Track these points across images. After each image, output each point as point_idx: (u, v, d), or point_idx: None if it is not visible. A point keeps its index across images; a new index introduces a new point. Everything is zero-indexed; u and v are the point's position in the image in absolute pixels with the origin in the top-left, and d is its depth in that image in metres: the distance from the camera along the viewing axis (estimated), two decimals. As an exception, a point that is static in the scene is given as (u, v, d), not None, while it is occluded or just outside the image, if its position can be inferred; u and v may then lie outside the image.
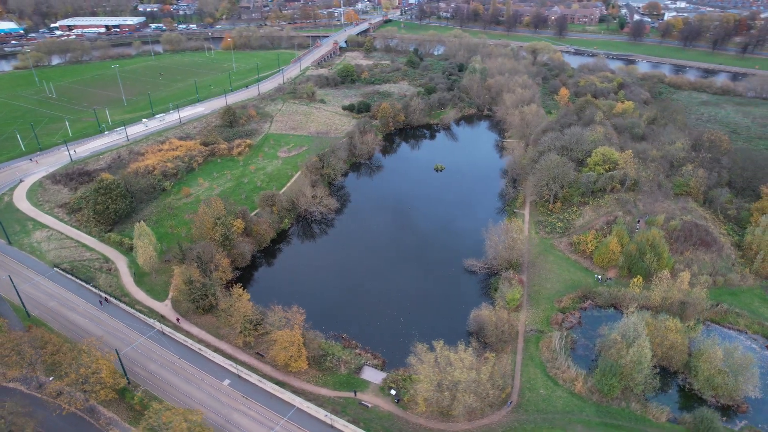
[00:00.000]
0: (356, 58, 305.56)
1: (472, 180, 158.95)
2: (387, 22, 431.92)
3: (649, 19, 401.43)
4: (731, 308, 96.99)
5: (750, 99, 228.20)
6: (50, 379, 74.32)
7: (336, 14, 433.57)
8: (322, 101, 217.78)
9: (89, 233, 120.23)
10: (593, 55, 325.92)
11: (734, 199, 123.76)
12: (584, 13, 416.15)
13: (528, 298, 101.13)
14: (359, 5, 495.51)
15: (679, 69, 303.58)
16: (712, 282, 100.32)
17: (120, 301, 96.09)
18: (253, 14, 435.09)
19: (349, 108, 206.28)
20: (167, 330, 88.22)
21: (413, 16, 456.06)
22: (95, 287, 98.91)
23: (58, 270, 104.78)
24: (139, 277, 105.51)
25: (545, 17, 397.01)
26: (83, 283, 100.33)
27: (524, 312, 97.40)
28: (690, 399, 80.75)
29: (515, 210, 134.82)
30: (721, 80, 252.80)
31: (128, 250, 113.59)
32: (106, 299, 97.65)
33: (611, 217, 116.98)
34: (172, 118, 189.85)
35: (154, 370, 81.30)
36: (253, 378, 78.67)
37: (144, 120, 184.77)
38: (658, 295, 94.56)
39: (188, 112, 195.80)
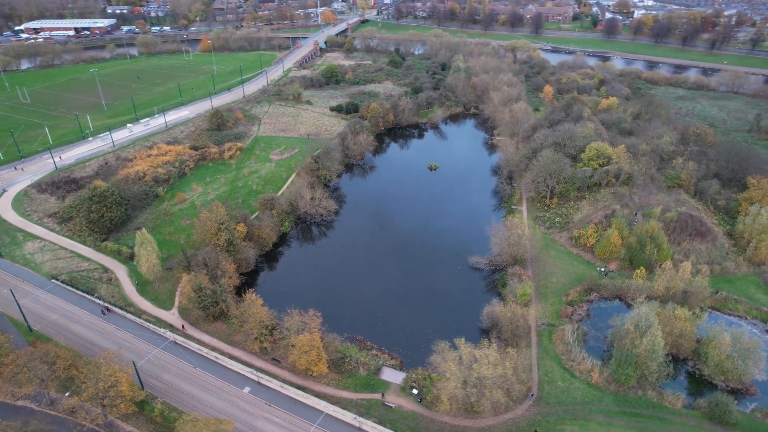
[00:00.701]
0: (337, 59, 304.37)
1: (466, 178, 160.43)
2: (364, 22, 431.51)
3: (620, 17, 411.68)
4: (730, 295, 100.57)
5: (723, 93, 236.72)
6: (66, 395, 71.79)
7: (312, 15, 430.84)
8: (309, 102, 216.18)
9: (84, 243, 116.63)
10: (570, 53, 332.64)
11: (722, 190, 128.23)
12: (558, 11, 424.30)
13: (536, 292, 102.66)
14: (335, 5, 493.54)
15: (652, 65, 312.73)
16: (710, 271, 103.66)
17: (126, 311, 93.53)
18: (229, 16, 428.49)
19: (337, 109, 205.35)
20: (179, 339, 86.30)
21: (390, 16, 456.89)
22: (99, 298, 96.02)
23: (56, 282, 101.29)
24: (142, 286, 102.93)
25: (521, 16, 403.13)
26: (85, 295, 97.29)
27: (534, 306, 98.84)
28: (700, 384, 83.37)
29: (513, 206, 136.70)
30: (694, 76, 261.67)
31: (127, 259, 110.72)
32: (108, 308, 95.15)
33: (609, 210, 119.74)
34: (157, 122, 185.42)
35: (170, 380, 79.47)
36: (274, 384, 77.69)
37: (129, 125, 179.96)
38: (662, 285, 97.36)
39: (173, 116, 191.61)
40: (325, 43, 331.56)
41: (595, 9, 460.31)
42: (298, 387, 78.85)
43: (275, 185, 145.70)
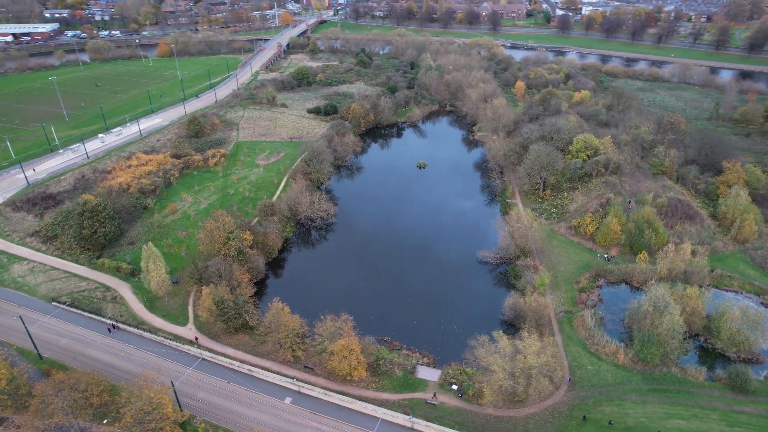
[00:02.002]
0: (303, 60, 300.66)
1: (456, 175, 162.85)
2: (322, 22, 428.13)
3: (570, 13, 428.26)
4: (724, 273, 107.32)
5: (676, 84, 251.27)
6: (103, 422, 67.70)
7: (269, 17, 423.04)
8: (284, 105, 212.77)
9: (76, 261, 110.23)
10: (528, 49, 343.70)
11: (700, 175, 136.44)
12: (512, 8, 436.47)
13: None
14: (290, 6, 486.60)
15: (604, 58, 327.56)
16: (704, 251, 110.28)
17: (141, 329, 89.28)
18: (182, 19, 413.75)
19: (315, 111, 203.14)
20: (207, 354, 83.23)
21: (347, 16, 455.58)
22: (110, 318, 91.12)
23: (58, 305, 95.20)
24: (150, 302, 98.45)
25: (477, 13, 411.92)
26: (93, 316, 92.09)
27: (549, 295, 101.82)
28: (713, 357, 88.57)
29: (507, 200, 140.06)
30: (649, 68, 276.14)
31: (128, 276, 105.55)
32: (114, 326, 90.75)
33: (603, 199, 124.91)
34: (130, 131, 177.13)
35: (206, 398, 76.59)
36: (317, 392, 76.44)
37: (101, 135, 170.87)
38: (665, 267, 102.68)
39: (146, 125, 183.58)
40: (288, 45, 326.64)
41: (545, 6, 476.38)
42: (339, 393, 77.89)
43: (268, 191, 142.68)
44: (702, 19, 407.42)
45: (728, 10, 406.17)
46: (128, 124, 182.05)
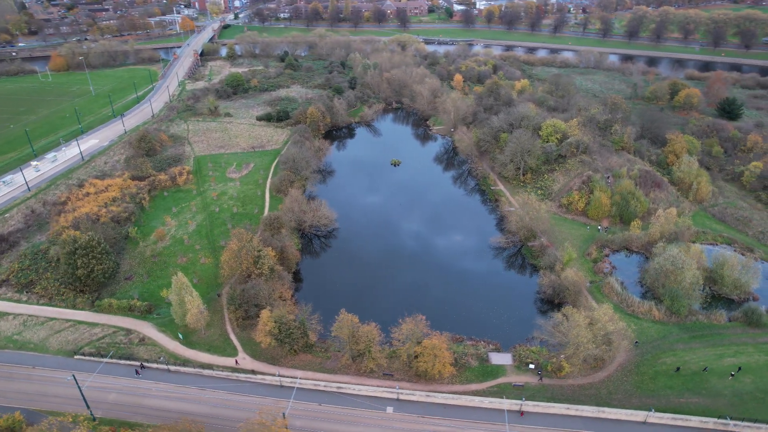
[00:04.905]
0: (223, 67, 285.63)
1: (430, 169, 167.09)
2: (226, 27, 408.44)
3: (467, 7, 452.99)
4: (699, 229, 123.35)
5: (584, 69, 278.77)
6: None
7: (165, 23, 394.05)
8: (229, 115, 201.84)
9: (73, 306, 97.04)
10: (441, 43, 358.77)
11: (650, 147, 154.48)
12: (414, 5, 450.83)
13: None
14: (185, 11, 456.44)
15: (509, 48, 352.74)
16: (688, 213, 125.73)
17: (198, 367, 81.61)
18: (62, 28, 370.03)
19: (266, 118, 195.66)
20: (286, 381, 78.53)
21: (248, 18, 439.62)
22: (163, 362, 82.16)
23: (81, 357, 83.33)
24: (185, 337, 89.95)
25: (384, 11, 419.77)
26: (132, 363, 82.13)
27: (568, 269, 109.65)
28: (719, 300, 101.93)
29: (492, 187, 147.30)
30: (562, 56, 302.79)
31: (145, 314, 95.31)
32: (142, 366, 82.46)
33: (584, 177, 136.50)
34: (66, 156, 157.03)
35: (306, 425, 72.47)
36: (418, 396, 75.93)
37: (34, 163, 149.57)
38: (657, 230, 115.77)
39: (83, 147, 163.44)
40: (202, 51, 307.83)
41: (441, 1, 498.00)
42: (430, 392, 78.11)
43: (256, 203, 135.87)
44: (579, 11, 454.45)
45: (600, 2, 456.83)
46: (63, 148, 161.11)
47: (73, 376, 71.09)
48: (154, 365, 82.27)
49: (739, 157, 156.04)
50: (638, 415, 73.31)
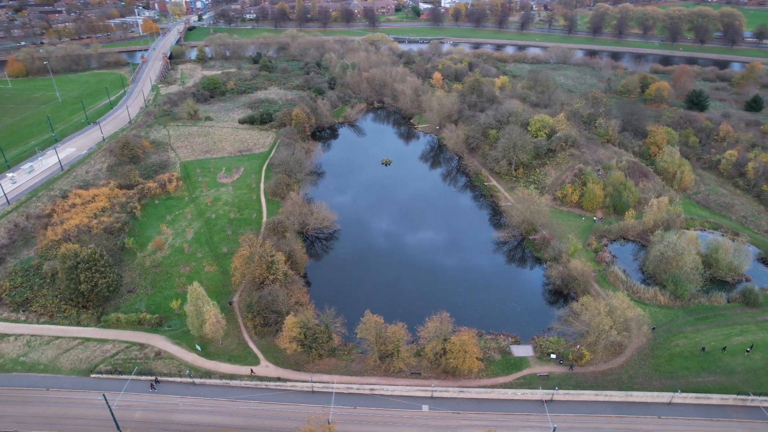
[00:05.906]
0: (195, 70, 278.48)
1: (420, 167, 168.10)
2: (191, 29, 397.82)
3: (438, 7, 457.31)
4: (687, 216, 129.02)
5: (555, 65, 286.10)
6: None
7: (126, 25, 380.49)
8: (209, 119, 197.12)
9: (78, 323, 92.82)
10: (411, 42, 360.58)
11: (633, 139, 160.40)
12: (381, 4, 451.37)
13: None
14: (146, 13, 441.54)
15: (477, 45, 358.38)
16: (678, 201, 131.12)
17: (223, 378, 79.64)
18: (14, 31, 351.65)
19: (249, 120, 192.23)
20: (318, 387, 77.63)
21: (213, 20, 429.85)
22: (189, 375, 79.73)
23: (98, 376, 79.86)
24: (202, 348, 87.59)
25: (352, 11, 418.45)
26: (156, 378, 79.37)
27: (574, 260, 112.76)
28: (715, 283, 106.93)
29: (485, 183, 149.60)
30: (533, 53, 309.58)
31: (155, 326, 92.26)
32: (156, 380, 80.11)
33: (575, 170, 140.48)
34: (44, 166, 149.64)
35: (348, 430, 71.71)
36: (451, 392, 76.54)
37: (10, 174, 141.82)
38: (651, 219, 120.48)
39: (60, 156, 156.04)
40: (170, 54, 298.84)
41: (407, 0, 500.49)
42: (460, 388, 78.94)
43: (253, 208, 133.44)
44: (542, 8, 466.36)
45: (560, 0, 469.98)
46: (39, 158, 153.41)
47: (104, 395, 68.04)
48: (178, 379, 79.78)
49: (713, 146, 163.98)
50: (664, 397, 76.39)
